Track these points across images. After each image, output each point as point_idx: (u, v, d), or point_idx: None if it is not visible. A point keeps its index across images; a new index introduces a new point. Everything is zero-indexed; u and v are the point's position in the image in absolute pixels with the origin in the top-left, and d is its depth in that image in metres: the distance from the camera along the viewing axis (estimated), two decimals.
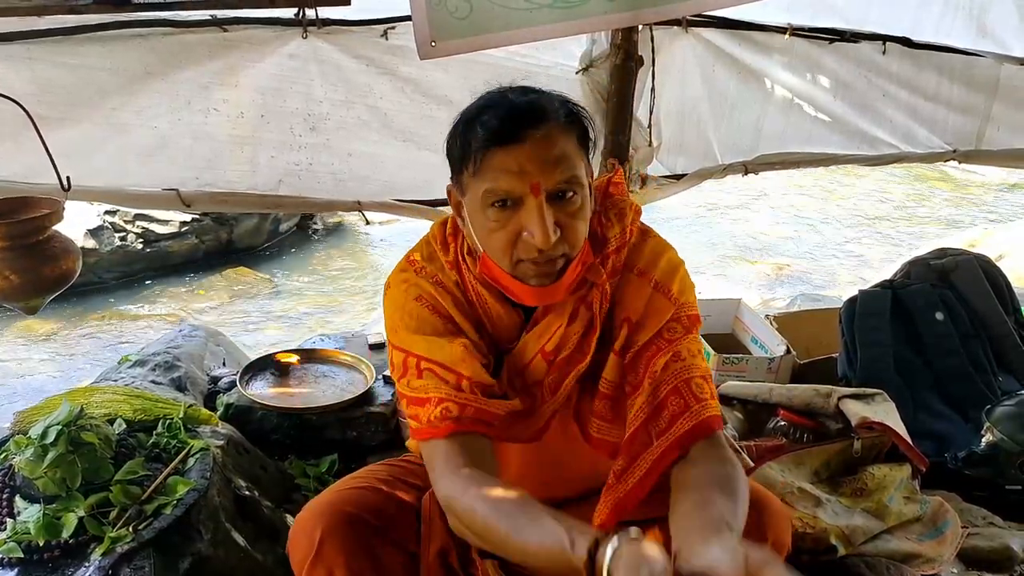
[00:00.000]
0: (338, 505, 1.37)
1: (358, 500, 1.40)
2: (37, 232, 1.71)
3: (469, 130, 1.29)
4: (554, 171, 1.25)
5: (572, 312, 1.36)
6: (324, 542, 1.33)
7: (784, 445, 2.14)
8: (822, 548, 1.86)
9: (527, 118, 1.25)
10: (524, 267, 1.29)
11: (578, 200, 1.28)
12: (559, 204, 1.26)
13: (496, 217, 1.27)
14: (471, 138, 1.28)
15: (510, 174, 1.24)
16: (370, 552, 1.35)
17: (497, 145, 1.24)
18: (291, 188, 2.66)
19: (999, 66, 3.16)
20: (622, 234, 1.40)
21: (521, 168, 1.23)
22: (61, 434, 1.68)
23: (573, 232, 1.28)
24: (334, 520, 1.34)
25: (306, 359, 2.52)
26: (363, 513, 1.37)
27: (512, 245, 1.27)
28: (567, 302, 1.36)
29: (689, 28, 2.87)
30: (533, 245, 1.25)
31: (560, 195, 1.26)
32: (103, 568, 1.58)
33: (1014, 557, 2.00)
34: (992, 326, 2.71)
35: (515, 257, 1.28)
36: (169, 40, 2.36)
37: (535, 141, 1.24)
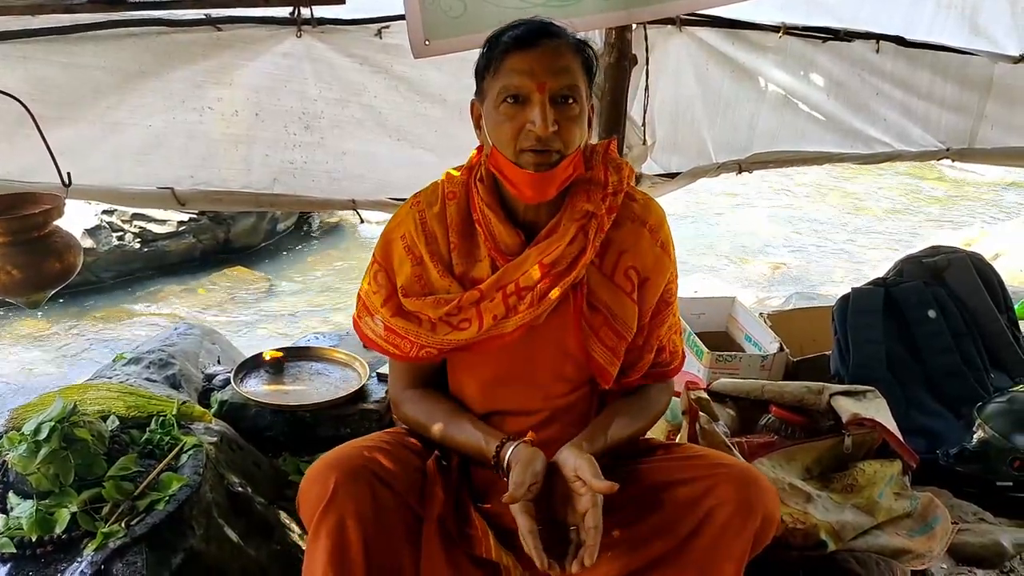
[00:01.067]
0: (350, 459, 1.46)
1: (367, 456, 1.48)
2: (38, 228, 1.72)
3: (493, 42, 1.52)
4: (559, 76, 1.46)
5: (572, 236, 1.55)
6: (338, 490, 1.40)
7: (775, 441, 2.15)
8: (812, 544, 1.86)
9: (542, 31, 1.49)
10: (525, 156, 1.48)
11: (576, 108, 1.49)
12: (559, 107, 1.47)
13: (507, 111, 1.48)
14: (496, 45, 1.50)
15: (522, 73, 1.45)
16: (378, 504, 1.43)
17: (515, 49, 1.47)
18: (285, 187, 2.66)
19: (992, 65, 3.17)
20: (619, 182, 1.61)
21: (532, 69, 1.45)
22: (54, 430, 1.69)
23: (568, 132, 1.48)
24: (347, 470, 1.43)
25: (300, 357, 2.52)
26: (373, 467, 1.46)
27: (517, 136, 1.48)
28: (569, 228, 1.55)
29: (683, 27, 2.88)
30: (534, 134, 1.45)
31: (562, 99, 1.47)
32: (95, 563, 1.59)
33: (1004, 553, 2.01)
34: (985, 324, 2.72)
35: (518, 146, 1.48)
36: (163, 39, 2.37)
37: (546, 49, 1.46)
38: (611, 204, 1.59)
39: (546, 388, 1.65)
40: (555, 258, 1.54)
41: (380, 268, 1.66)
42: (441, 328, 1.59)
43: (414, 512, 1.50)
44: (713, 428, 2.07)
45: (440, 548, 1.49)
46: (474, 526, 1.55)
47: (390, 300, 1.63)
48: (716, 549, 1.47)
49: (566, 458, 1.47)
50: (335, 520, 1.40)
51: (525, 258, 1.56)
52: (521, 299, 1.55)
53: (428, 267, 1.60)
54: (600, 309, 1.61)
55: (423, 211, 1.63)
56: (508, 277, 1.56)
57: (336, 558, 1.40)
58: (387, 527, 1.45)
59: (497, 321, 1.56)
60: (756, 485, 1.50)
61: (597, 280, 1.61)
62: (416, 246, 1.61)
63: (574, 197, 1.58)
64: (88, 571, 1.58)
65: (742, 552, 1.47)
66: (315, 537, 1.42)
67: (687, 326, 2.89)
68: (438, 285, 1.59)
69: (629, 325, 1.62)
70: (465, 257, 1.61)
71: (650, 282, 1.64)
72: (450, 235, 1.60)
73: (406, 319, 1.61)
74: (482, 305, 1.56)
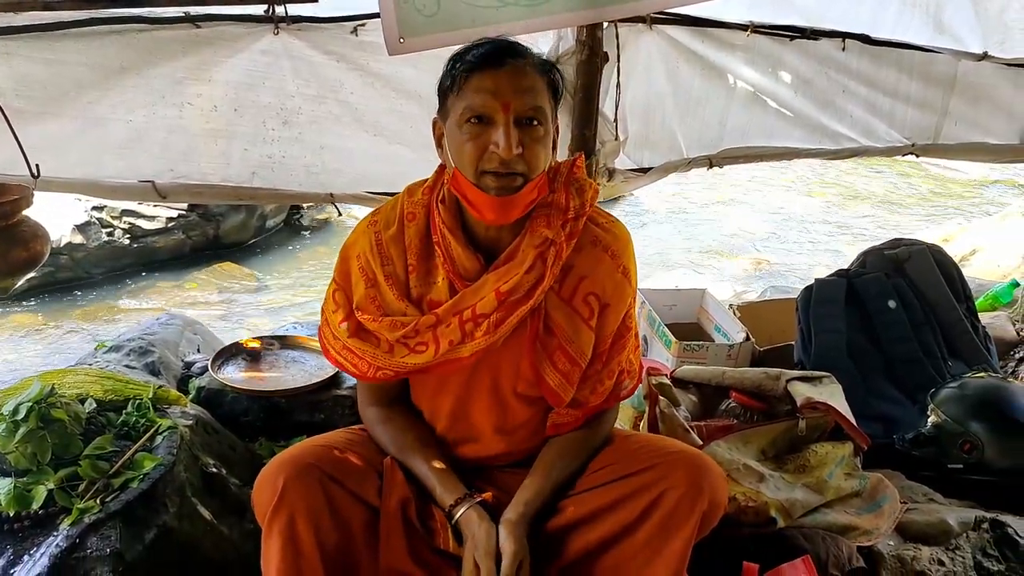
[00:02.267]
0: (299, 458, 1.51)
1: (318, 455, 1.53)
2: (6, 217, 1.79)
3: (457, 60, 1.51)
4: (524, 97, 1.46)
5: (530, 264, 1.55)
6: (287, 489, 1.45)
7: (733, 425, 2.23)
8: (763, 521, 1.94)
9: (507, 51, 1.49)
10: (487, 179, 1.47)
11: (541, 131, 1.48)
12: (524, 128, 1.46)
13: (470, 131, 1.46)
14: (459, 65, 1.49)
15: (487, 93, 1.45)
16: (329, 500, 1.47)
17: (479, 69, 1.46)
18: (264, 180, 2.73)
19: (956, 62, 3.25)
20: (581, 206, 1.60)
21: (497, 89, 1.44)
22: (32, 411, 1.76)
23: (533, 155, 1.47)
24: (296, 470, 1.47)
25: (278, 345, 2.59)
26: (322, 465, 1.50)
27: (479, 157, 1.47)
28: (528, 254, 1.55)
29: (653, 25, 2.94)
30: (497, 156, 1.45)
31: (527, 121, 1.47)
32: (71, 537, 1.66)
33: (950, 531, 2.08)
34: (943, 313, 2.80)
35: (480, 168, 1.47)
36: (144, 36, 2.44)
37: (512, 69, 1.46)
38: (571, 229, 1.58)
39: (503, 405, 1.67)
40: (513, 286, 1.54)
41: (338, 287, 1.66)
42: (398, 350, 1.60)
43: (370, 506, 1.54)
44: (672, 412, 2.15)
45: (402, 537, 1.53)
46: (434, 517, 1.59)
47: (348, 319, 1.63)
48: (666, 529, 1.52)
49: (502, 544, 1.51)
50: (286, 518, 1.45)
51: (483, 283, 1.56)
52: (477, 326, 1.55)
53: (383, 289, 1.60)
54: (556, 334, 1.61)
55: (379, 232, 1.62)
56: (465, 303, 1.56)
57: (289, 555, 1.44)
58: (341, 522, 1.48)
59: (453, 346, 1.57)
60: (706, 469, 1.56)
61: (555, 304, 1.61)
62: (370, 267, 1.61)
63: (534, 221, 1.57)
64: (64, 544, 1.65)
65: (690, 532, 1.53)
66: (268, 536, 1.47)
67: (656, 316, 2.96)
68: (394, 307, 1.60)
69: (584, 352, 1.63)
70: (422, 279, 1.61)
71: (610, 308, 1.64)
72: (408, 257, 1.60)
73: (363, 340, 1.62)
74: (439, 330, 1.57)
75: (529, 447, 1.72)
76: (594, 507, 1.59)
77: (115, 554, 1.68)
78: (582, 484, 1.65)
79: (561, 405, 1.65)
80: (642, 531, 1.54)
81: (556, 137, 1.57)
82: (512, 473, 1.70)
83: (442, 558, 1.57)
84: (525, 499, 1.58)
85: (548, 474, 1.63)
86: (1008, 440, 2.29)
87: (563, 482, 1.64)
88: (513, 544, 1.50)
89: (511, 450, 1.72)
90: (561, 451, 1.67)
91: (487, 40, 1.53)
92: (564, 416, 1.68)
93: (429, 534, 1.58)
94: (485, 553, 1.50)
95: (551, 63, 1.56)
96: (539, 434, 1.71)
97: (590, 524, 1.59)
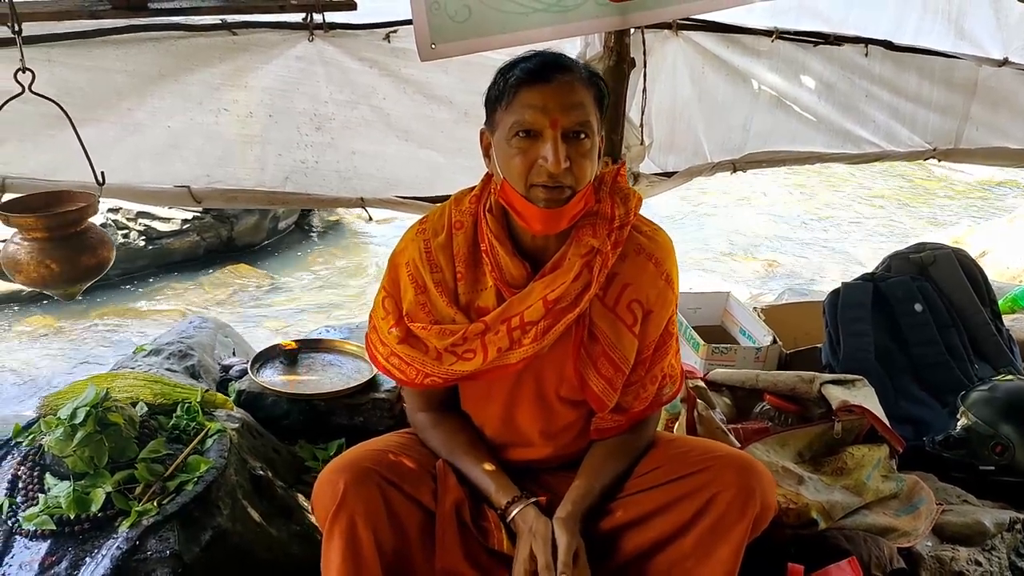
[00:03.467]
0: (358, 462, 1.53)
1: (375, 458, 1.55)
2: (75, 224, 1.81)
3: (506, 74, 1.53)
4: (571, 112, 1.48)
5: (577, 273, 1.57)
6: (347, 492, 1.47)
7: (769, 428, 2.26)
8: (804, 522, 1.97)
9: (555, 66, 1.50)
10: (536, 191, 1.50)
11: (588, 144, 1.51)
12: (571, 142, 1.49)
13: (519, 145, 1.49)
14: (508, 79, 1.51)
15: (535, 109, 1.47)
16: (387, 503, 1.50)
17: (528, 85, 1.48)
18: (297, 185, 2.77)
19: (977, 68, 3.29)
20: (626, 215, 1.63)
21: (545, 104, 1.47)
22: (89, 415, 1.78)
23: (580, 168, 1.50)
24: (355, 474, 1.50)
25: (313, 348, 2.62)
26: (380, 469, 1.53)
27: (528, 170, 1.49)
28: (574, 263, 1.57)
29: (679, 31, 2.99)
30: (545, 170, 1.47)
31: (574, 135, 1.49)
32: (131, 539, 1.68)
33: (986, 532, 2.12)
34: (968, 316, 2.83)
35: (529, 181, 1.50)
36: (181, 43, 2.47)
37: (559, 84, 1.48)
38: (616, 239, 1.61)
39: (548, 409, 1.69)
40: (560, 294, 1.56)
41: (387, 294, 1.68)
42: (447, 358, 1.62)
43: (426, 508, 1.56)
44: (710, 415, 2.18)
45: (456, 537, 1.56)
46: (487, 519, 1.62)
47: (397, 326, 1.66)
48: (717, 532, 1.54)
49: (557, 537, 1.54)
50: (346, 521, 1.47)
51: (530, 292, 1.58)
52: (525, 333, 1.58)
53: (433, 295, 1.63)
54: (600, 340, 1.63)
55: (428, 240, 1.64)
56: (513, 310, 1.58)
57: (350, 557, 1.47)
58: (398, 525, 1.51)
59: (501, 353, 1.59)
60: (757, 472, 1.57)
61: (600, 312, 1.63)
62: (420, 274, 1.63)
63: (580, 231, 1.59)
64: (124, 546, 1.68)
65: (742, 536, 1.54)
66: (329, 538, 1.50)
67: (683, 319, 2.99)
68: (443, 313, 1.62)
69: (627, 358, 1.65)
70: (471, 286, 1.63)
71: (653, 315, 1.66)
72: (457, 265, 1.62)
73: (412, 347, 1.64)
74: (487, 337, 1.59)
75: (574, 450, 1.74)
76: (644, 510, 1.61)
77: (174, 556, 1.70)
78: (630, 487, 1.67)
79: (605, 410, 1.67)
80: (692, 534, 1.56)
81: (602, 146, 1.60)
82: (558, 475, 1.73)
83: (494, 559, 1.60)
84: (573, 499, 1.61)
85: (595, 476, 1.66)
86: None
87: (610, 484, 1.67)
88: (567, 535, 1.53)
89: (556, 453, 1.75)
90: (607, 454, 1.70)
91: (535, 53, 1.55)
92: (608, 421, 1.70)
93: (483, 535, 1.60)
94: (543, 542, 1.52)
95: (597, 74, 1.58)
96: (584, 437, 1.73)
97: (640, 527, 1.61)
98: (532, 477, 1.74)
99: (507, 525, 1.60)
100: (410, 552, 1.54)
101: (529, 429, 1.72)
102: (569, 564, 1.50)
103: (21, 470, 1.85)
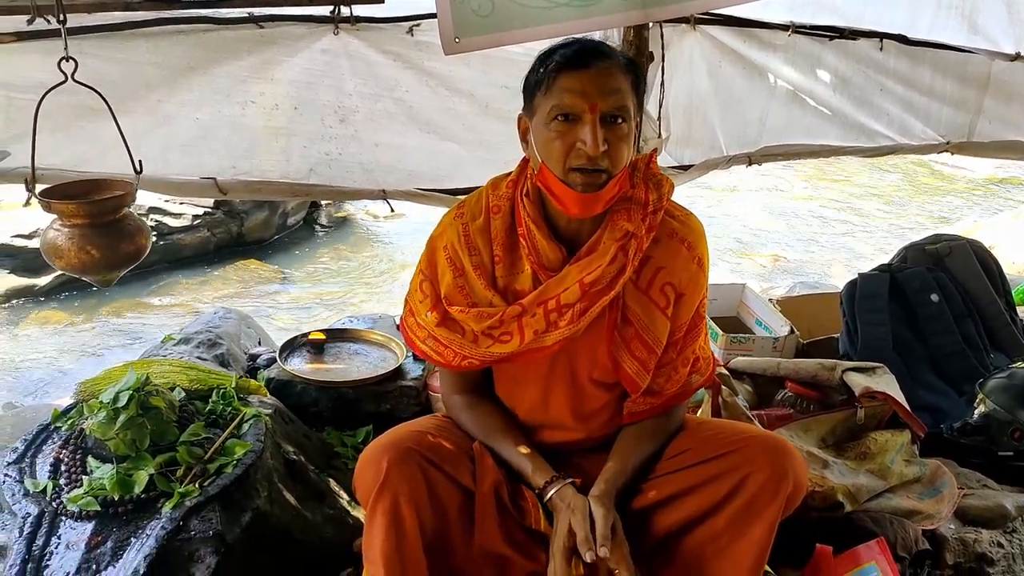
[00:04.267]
0: (400, 442, 1.56)
1: (416, 439, 1.58)
2: (114, 211, 1.85)
3: (545, 60, 1.56)
4: (609, 97, 1.50)
5: (612, 256, 1.60)
6: (391, 471, 1.50)
7: (792, 414, 2.30)
8: (830, 505, 2.01)
9: (594, 52, 1.53)
10: (574, 175, 1.53)
11: (625, 128, 1.53)
12: (609, 126, 1.51)
13: (558, 128, 1.52)
14: (547, 64, 1.54)
15: (574, 93, 1.50)
16: (429, 483, 1.53)
17: (568, 70, 1.51)
18: (321, 177, 2.79)
19: (990, 62, 3.32)
20: (659, 200, 1.66)
21: (584, 89, 1.50)
22: (132, 398, 1.81)
23: (617, 152, 1.52)
24: (398, 453, 1.52)
25: (339, 338, 2.65)
26: (421, 449, 1.55)
27: (567, 154, 1.52)
28: (609, 247, 1.60)
29: (697, 26, 3.01)
30: (584, 153, 1.50)
31: (611, 119, 1.51)
32: (175, 519, 1.72)
33: (1007, 515, 2.16)
34: (984, 307, 2.87)
35: (568, 165, 1.53)
36: (210, 36, 2.50)
37: (598, 70, 1.51)
38: (650, 223, 1.64)
39: (580, 392, 1.72)
40: (595, 277, 1.59)
41: (425, 278, 1.72)
42: (483, 341, 1.65)
43: (464, 489, 1.59)
44: (735, 401, 2.21)
45: (495, 516, 1.59)
46: (525, 498, 1.65)
47: (435, 309, 1.69)
48: (749, 513, 1.57)
49: (594, 512, 1.56)
50: (390, 500, 1.50)
51: (566, 274, 1.61)
52: (562, 315, 1.61)
53: (471, 278, 1.65)
54: (633, 322, 1.66)
55: (467, 223, 1.67)
56: (549, 293, 1.61)
57: (392, 535, 1.50)
58: (438, 504, 1.54)
59: (538, 335, 1.62)
60: (787, 452, 1.61)
61: (633, 294, 1.66)
62: (459, 257, 1.66)
63: (615, 215, 1.62)
64: (169, 526, 1.71)
65: (775, 515, 1.57)
66: (372, 516, 1.52)
67: None
68: (481, 296, 1.65)
69: (660, 340, 1.68)
70: (508, 269, 1.66)
71: (685, 298, 1.69)
72: (494, 248, 1.66)
73: (450, 329, 1.68)
74: (524, 319, 1.62)
75: (606, 433, 1.77)
76: (676, 489, 1.64)
77: (217, 536, 1.73)
78: (662, 468, 1.70)
79: (638, 392, 1.70)
80: (725, 513, 1.59)
81: (637, 133, 1.64)
82: (590, 457, 1.76)
83: (532, 538, 1.63)
84: (607, 478, 1.64)
85: (627, 457, 1.69)
86: None
87: (641, 465, 1.70)
88: (604, 510, 1.55)
89: (589, 435, 1.78)
90: (638, 436, 1.73)
91: (574, 39, 1.58)
92: (640, 404, 1.74)
93: (520, 514, 1.64)
94: (582, 516, 1.55)
95: (635, 61, 1.64)
96: (616, 420, 1.76)
97: (672, 506, 1.64)
98: (564, 459, 1.77)
99: (544, 505, 1.63)
100: (450, 531, 1.57)
101: (562, 411, 1.75)
102: (608, 537, 1.52)
103: (63, 453, 1.88)
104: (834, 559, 1.83)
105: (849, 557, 1.81)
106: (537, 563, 1.62)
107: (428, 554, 1.54)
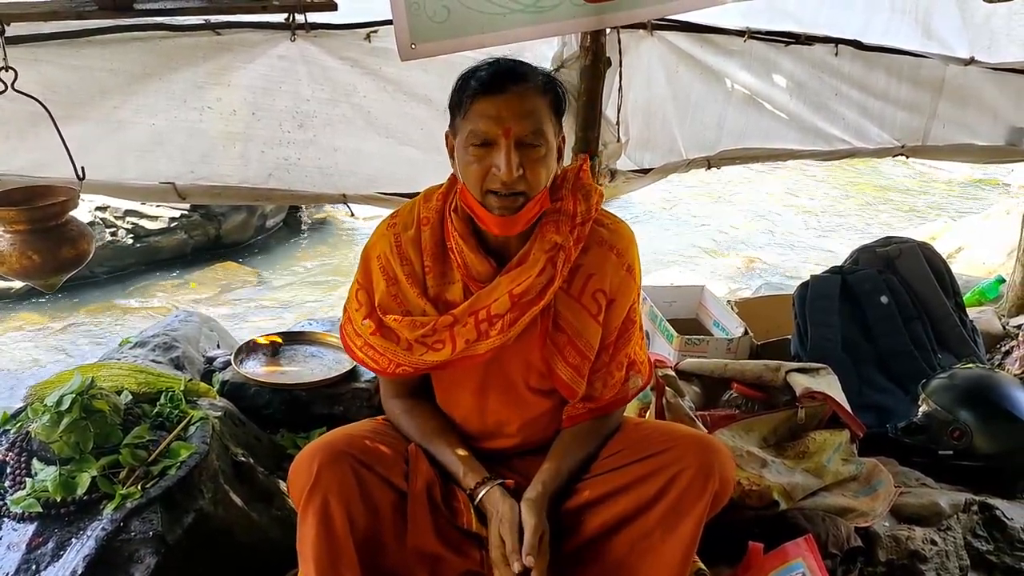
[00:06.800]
0: (332, 445, 1.60)
1: (349, 442, 1.63)
2: (56, 217, 1.87)
3: (464, 83, 1.60)
4: (524, 122, 1.54)
5: (541, 268, 1.64)
6: (321, 472, 1.54)
7: (736, 414, 2.34)
8: (766, 503, 2.05)
9: (510, 76, 1.57)
10: (490, 199, 1.58)
11: (542, 151, 1.57)
12: (525, 150, 1.55)
13: (475, 154, 1.56)
14: (465, 88, 1.58)
15: (489, 119, 1.54)
16: (360, 483, 1.57)
17: (483, 95, 1.55)
18: (280, 181, 2.82)
19: (944, 66, 3.38)
20: (587, 211, 1.70)
21: (499, 114, 1.53)
22: (75, 402, 1.84)
23: (533, 175, 1.56)
24: (329, 455, 1.57)
25: (295, 340, 2.69)
26: (354, 451, 1.60)
27: (483, 178, 1.56)
28: (538, 258, 1.64)
29: (654, 31, 3.05)
30: (499, 178, 1.54)
31: (528, 143, 1.55)
32: (115, 520, 1.75)
33: (941, 513, 2.20)
34: (933, 308, 2.92)
35: (484, 188, 1.57)
36: (166, 43, 2.52)
37: (513, 94, 1.55)
38: (579, 234, 1.68)
39: (518, 399, 1.77)
40: (525, 288, 1.63)
41: (360, 287, 1.76)
42: (417, 349, 1.70)
43: (398, 489, 1.63)
44: (678, 402, 2.25)
45: (427, 516, 1.63)
46: (457, 499, 1.69)
47: (370, 317, 1.73)
48: (679, 509, 1.61)
49: (524, 520, 1.60)
50: (320, 500, 1.54)
51: (496, 286, 1.65)
52: (492, 325, 1.65)
53: (404, 287, 1.70)
54: (565, 329, 1.71)
55: (399, 234, 1.72)
56: (480, 303, 1.65)
57: (323, 535, 1.54)
58: (370, 504, 1.58)
59: (469, 344, 1.66)
60: (714, 449, 1.66)
61: (564, 302, 1.71)
62: (391, 267, 1.71)
63: (544, 227, 1.66)
64: (109, 527, 1.74)
65: (703, 511, 1.62)
66: (304, 516, 1.57)
67: (658, 312, 3.07)
68: (415, 304, 1.70)
69: (592, 345, 1.73)
70: (439, 279, 1.71)
71: (616, 303, 1.74)
72: (424, 259, 1.70)
73: (385, 337, 1.72)
74: (455, 329, 1.66)
75: (544, 437, 1.81)
76: (610, 488, 1.68)
77: (157, 537, 1.77)
78: (597, 468, 1.74)
79: (575, 398, 1.75)
80: (656, 510, 1.63)
81: (563, 146, 1.67)
82: (528, 459, 1.80)
83: (465, 537, 1.68)
84: (543, 480, 1.68)
85: (563, 458, 1.73)
86: (995, 427, 2.41)
87: (577, 466, 1.74)
88: (534, 518, 1.60)
89: (527, 440, 1.82)
90: (575, 438, 1.78)
91: (491, 61, 1.61)
92: (579, 409, 1.78)
93: (453, 514, 1.68)
94: (510, 526, 1.60)
95: (553, 80, 1.64)
96: (554, 425, 1.81)
97: (606, 504, 1.69)
98: (503, 461, 1.81)
99: (476, 506, 1.68)
100: (382, 531, 1.61)
101: (501, 418, 1.79)
102: (535, 547, 1.57)
103: (9, 456, 1.91)
104: (764, 556, 1.87)
105: (778, 554, 1.86)
106: (470, 561, 1.67)
107: (360, 553, 1.57)
